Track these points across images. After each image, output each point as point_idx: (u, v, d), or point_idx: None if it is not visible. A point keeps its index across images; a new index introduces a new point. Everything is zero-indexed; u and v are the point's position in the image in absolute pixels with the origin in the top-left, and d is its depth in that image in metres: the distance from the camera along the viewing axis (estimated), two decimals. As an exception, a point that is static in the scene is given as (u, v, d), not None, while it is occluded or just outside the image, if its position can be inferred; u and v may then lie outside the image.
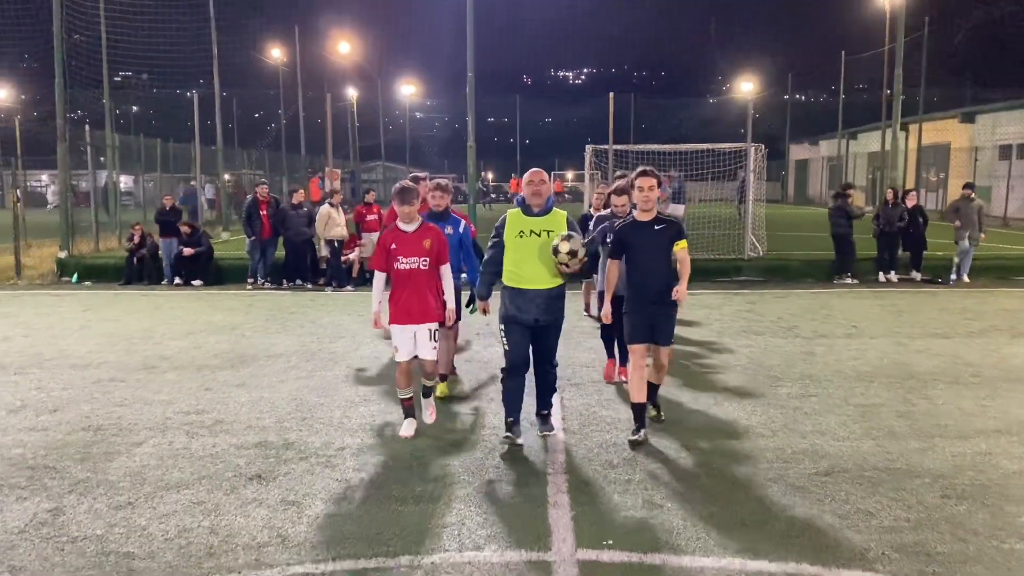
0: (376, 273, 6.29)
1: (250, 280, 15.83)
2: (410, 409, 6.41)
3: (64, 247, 17.71)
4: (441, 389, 7.33)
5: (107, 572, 4.18)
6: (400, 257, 6.07)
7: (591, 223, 9.22)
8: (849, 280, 15.54)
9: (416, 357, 6.26)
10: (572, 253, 5.78)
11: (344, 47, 42.87)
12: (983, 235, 15.66)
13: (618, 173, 9.13)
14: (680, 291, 6.05)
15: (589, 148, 18.60)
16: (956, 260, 15.60)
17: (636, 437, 6.12)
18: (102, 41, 23.92)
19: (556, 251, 5.80)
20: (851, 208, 15.61)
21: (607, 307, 6.36)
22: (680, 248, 6.12)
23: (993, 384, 7.84)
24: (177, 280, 16.04)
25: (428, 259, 6.10)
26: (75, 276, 16.82)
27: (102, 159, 23.55)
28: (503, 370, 6.14)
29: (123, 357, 9.29)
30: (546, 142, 79.08)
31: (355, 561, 4.25)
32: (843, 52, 43.41)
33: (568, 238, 5.81)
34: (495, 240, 6.09)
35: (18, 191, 18.50)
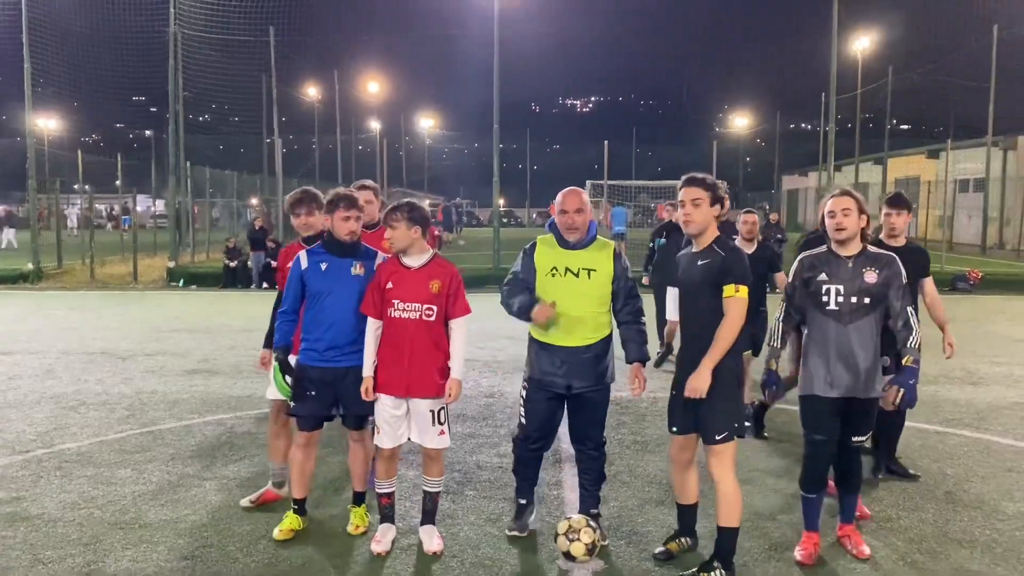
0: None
1: (323, 285, 20.27)
2: (389, 509, 4.64)
3: (172, 258, 22.26)
4: (357, 517, 4.92)
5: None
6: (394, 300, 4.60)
7: (656, 242, 8.83)
8: None
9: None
10: (592, 549, 4.15)
11: (373, 87, 47.96)
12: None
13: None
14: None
15: (588, 183, 23.13)
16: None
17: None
18: (179, 87, 28.73)
19: (569, 557, 4.16)
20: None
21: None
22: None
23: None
24: (264, 285, 20.48)
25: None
26: (182, 281, 21.29)
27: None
28: (514, 440, 4.77)
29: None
30: (555, 168, 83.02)
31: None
32: (823, 94, 48.19)
33: (569, 532, 4.20)
34: (517, 272, 4.70)
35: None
